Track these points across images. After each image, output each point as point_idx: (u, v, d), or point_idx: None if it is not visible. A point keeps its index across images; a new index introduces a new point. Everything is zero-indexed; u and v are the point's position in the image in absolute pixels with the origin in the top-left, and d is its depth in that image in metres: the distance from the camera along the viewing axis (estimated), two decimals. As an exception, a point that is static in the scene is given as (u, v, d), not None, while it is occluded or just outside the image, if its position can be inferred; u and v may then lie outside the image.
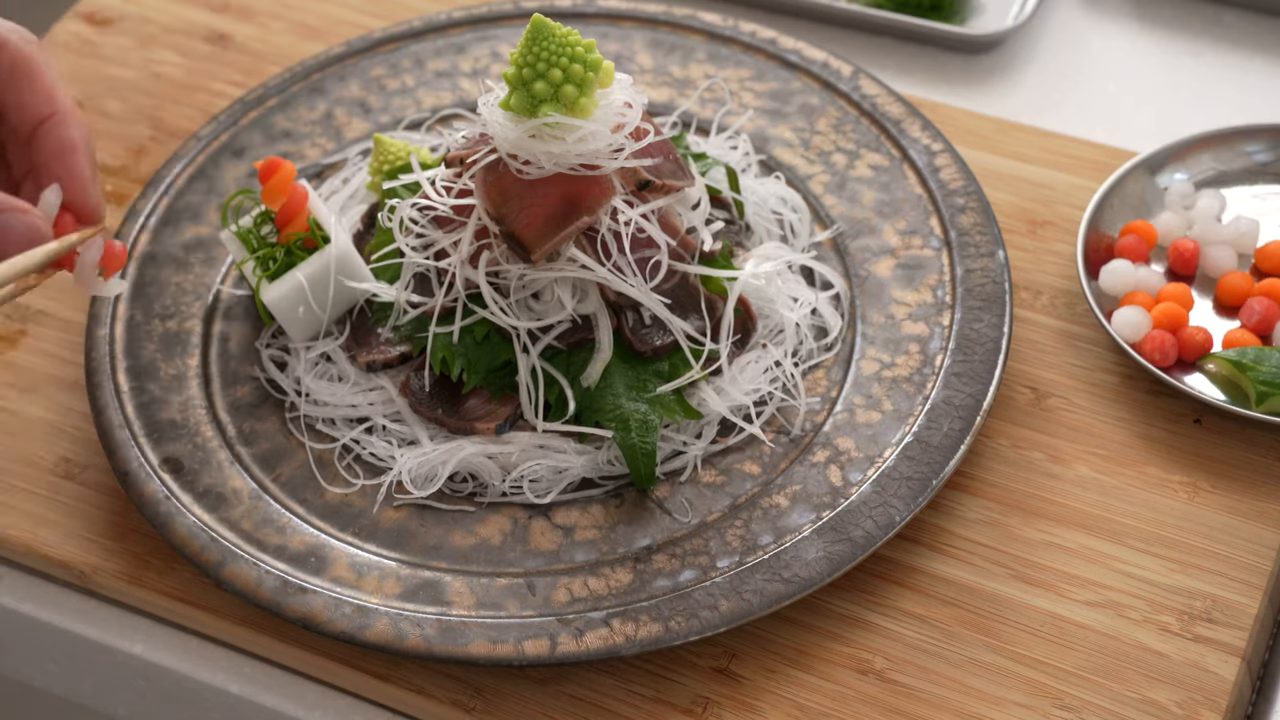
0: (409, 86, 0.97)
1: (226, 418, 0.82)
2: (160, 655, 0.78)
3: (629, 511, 0.77)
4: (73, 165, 0.68)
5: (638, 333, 0.78)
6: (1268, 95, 1.01)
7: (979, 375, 0.79)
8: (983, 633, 0.74)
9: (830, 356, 0.82)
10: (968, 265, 0.84)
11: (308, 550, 0.76)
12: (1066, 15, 1.07)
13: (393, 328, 0.82)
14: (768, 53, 0.96)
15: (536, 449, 0.78)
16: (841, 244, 0.87)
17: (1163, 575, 0.75)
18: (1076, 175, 0.92)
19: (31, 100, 0.69)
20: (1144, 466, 0.80)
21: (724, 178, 0.87)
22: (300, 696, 0.76)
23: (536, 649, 0.71)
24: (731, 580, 0.73)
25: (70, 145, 0.68)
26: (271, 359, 0.84)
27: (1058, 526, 0.77)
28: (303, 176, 0.92)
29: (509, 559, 0.75)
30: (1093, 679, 0.72)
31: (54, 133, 0.69)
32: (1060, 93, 1.02)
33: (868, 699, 0.72)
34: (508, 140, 0.75)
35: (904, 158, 0.89)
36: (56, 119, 0.69)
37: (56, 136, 0.68)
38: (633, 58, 0.97)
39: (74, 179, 0.69)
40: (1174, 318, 0.83)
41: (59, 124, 0.69)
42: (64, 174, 0.68)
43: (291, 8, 1.08)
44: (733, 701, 0.72)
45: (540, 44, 0.73)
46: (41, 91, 0.69)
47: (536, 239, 0.75)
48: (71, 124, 0.69)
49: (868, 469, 0.76)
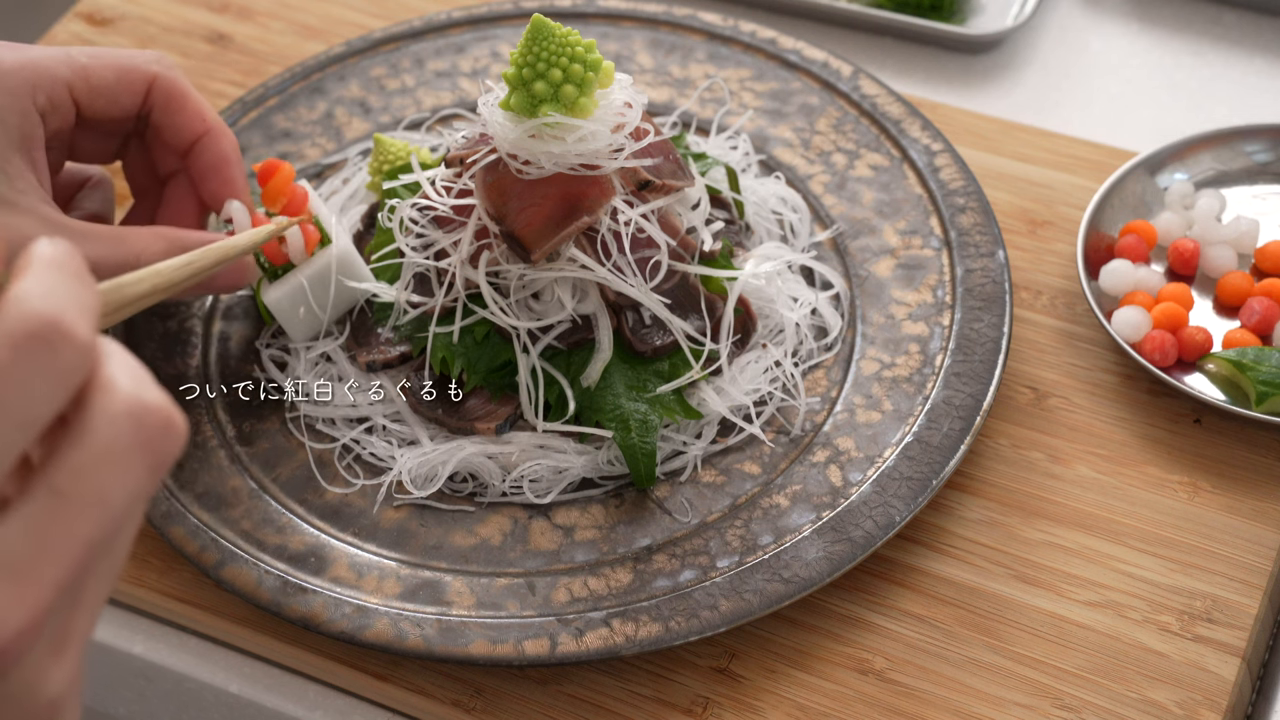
0: (409, 86, 0.97)
1: (226, 418, 0.82)
2: (160, 655, 0.78)
3: (629, 511, 0.77)
4: (229, 176, 0.79)
5: (638, 333, 0.78)
6: (1268, 95, 1.01)
7: (979, 375, 0.79)
8: (983, 633, 0.74)
9: (830, 356, 0.82)
10: (968, 265, 0.84)
11: (307, 550, 0.76)
12: (1066, 15, 1.07)
13: (393, 328, 0.82)
14: (768, 53, 0.96)
15: (536, 449, 0.78)
16: (841, 244, 0.87)
17: (1163, 575, 0.75)
18: (1076, 175, 0.92)
19: (185, 122, 0.79)
20: (1144, 466, 0.80)
21: (724, 178, 0.87)
22: (300, 696, 0.76)
23: (536, 649, 0.71)
24: (731, 580, 0.73)
25: (225, 159, 0.79)
26: (271, 359, 0.84)
27: (1058, 526, 0.77)
28: (303, 177, 0.92)
29: (509, 559, 0.75)
30: (1093, 679, 0.72)
31: (210, 148, 0.79)
32: (1060, 93, 1.02)
33: (868, 699, 0.72)
34: (508, 140, 0.75)
35: (904, 158, 0.89)
36: (211, 136, 0.79)
37: (213, 152, 0.79)
38: (633, 58, 0.97)
39: (230, 185, 0.79)
40: (1174, 318, 0.83)
41: (214, 140, 0.79)
42: (222, 184, 0.79)
43: (291, 8, 1.08)
44: (733, 701, 0.72)
45: (540, 44, 0.73)
46: (193, 113, 0.79)
47: (536, 239, 0.75)
48: (223, 139, 0.79)
49: (868, 469, 0.76)
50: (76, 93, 0.76)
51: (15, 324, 0.39)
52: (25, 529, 0.39)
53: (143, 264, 0.75)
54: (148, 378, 0.42)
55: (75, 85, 0.76)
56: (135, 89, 0.78)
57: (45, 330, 0.39)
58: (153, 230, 0.76)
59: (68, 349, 0.39)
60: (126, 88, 0.77)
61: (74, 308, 0.40)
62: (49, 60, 0.76)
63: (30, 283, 0.40)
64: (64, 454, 0.40)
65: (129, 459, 0.40)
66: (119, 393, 0.40)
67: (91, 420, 0.40)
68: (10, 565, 0.38)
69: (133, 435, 0.40)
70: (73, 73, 0.76)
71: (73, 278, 0.41)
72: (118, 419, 0.40)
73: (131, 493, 0.40)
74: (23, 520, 0.39)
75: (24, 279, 0.40)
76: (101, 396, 0.40)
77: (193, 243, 0.77)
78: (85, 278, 0.41)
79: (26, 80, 0.74)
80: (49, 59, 0.76)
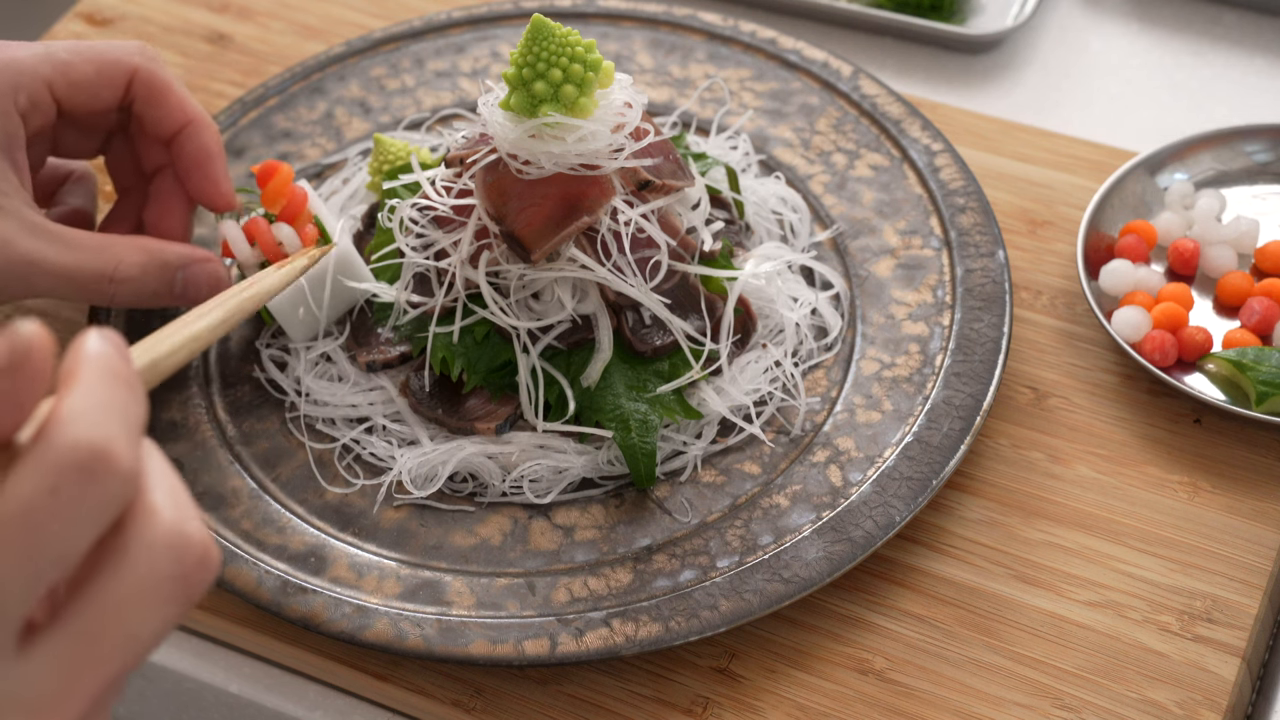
0: (409, 86, 0.97)
1: (226, 418, 0.82)
2: (160, 655, 0.78)
3: (629, 511, 0.77)
4: (210, 170, 0.79)
5: (638, 333, 0.78)
6: (1268, 95, 1.01)
7: (979, 375, 0.79)
8: (983, 633, 0.74)
9: (830, 356, 0.82)
10: (968, 265, 0.84)
11: (308, 550, 0.76)
12: (1066, 15, 1.07)
13: (393, 328, 0.82)
14: (768, 53, 0.96)
15: (536, 449, 0.78)
16: (841, 244, 0.87)
17: (1163, 575, 0.75)
18: (1076, 175, 0.92)
19: (167, 114, 0.78)
20: (1144, 466, 0.80)
21: (724, 178, 0.87)
22: (300, 696, 0.76)
23: (536, 649, 0.71)
24: (731, 580, 0.73)
25: (208, 152, 0.79)
26: (271, 359, 0.84)
27: (1058, 526, 0.77)
28: (303, 177, 0.92)
29: (509, 559, 0.75)
30: (1093, 679, 0.72)
31: (193, 140, 0.78)
32: (1060, 93, 1.02)
33: (868, 699, 0.72)
34: (508, 140, 0.75)
35: (904, 158, 0.89)
36: (192, 127, 0.79)
37: (195, 144, 0.79)
38: (633, 58, 0.97)
39: (213, 182, 0.79)
40: (1174, 318, 0.83)
41: (196, 132, 0.79)
42: (204, 178, 0.79)
43: (291, 8, 1.08)
44: (733, 701, 0.72)
45: (540, 44, 0.73)
46: (175, 105, 0.78)
47: (536, 239, 0.75)
48: (205, 131, 0.79)
49: (868, 469, 0.76)
50: (57, 90, 0.76)
51: (63, 455, 0.37)
52: (55, 667, 0.38)
53: (120, 275, 0.75)
54: (188, 501, 0.41)
55: (55, 82, 0.76)
56: (116, 82, 0.77)
57: (93, 462, 0.37)
58: (133, 241, 0.76)
59: (113, 480, 0.38)
60: (107, 82, 0.77)
61: (123, 433, 0.38)
62: (29, 59, 0.75)
63: (79, 401, 0.38)
64: (100, 587, 0.39)
65: (163, 595, 0.39)
66: (160, 524, 0.39)
67: (130, 551, 0.39)
68: (35, 703, 0.38)
69: (170, 569, 0.39)
70: (53, 69, 0.75)
71: (123, 388, 0.39)
72: (157, 551, 0.39)
73: (160, 629, 0.40)
74: (53, 657, 0.38)
75: (73, 394, 0.38)
76: (142, 525, 0.39)
77: (172, 257, 0.76)
78: (134, 385, 0.40)
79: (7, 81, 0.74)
80: (29, 57, 0.75)
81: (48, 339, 0.38)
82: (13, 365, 0.37)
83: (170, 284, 0.77)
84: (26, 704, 0.38)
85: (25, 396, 0.38)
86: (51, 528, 0.37)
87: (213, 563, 0.40)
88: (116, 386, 0.39)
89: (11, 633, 0.37)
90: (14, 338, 0.37)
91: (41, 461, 0.37)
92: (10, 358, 0.37)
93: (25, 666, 0.38)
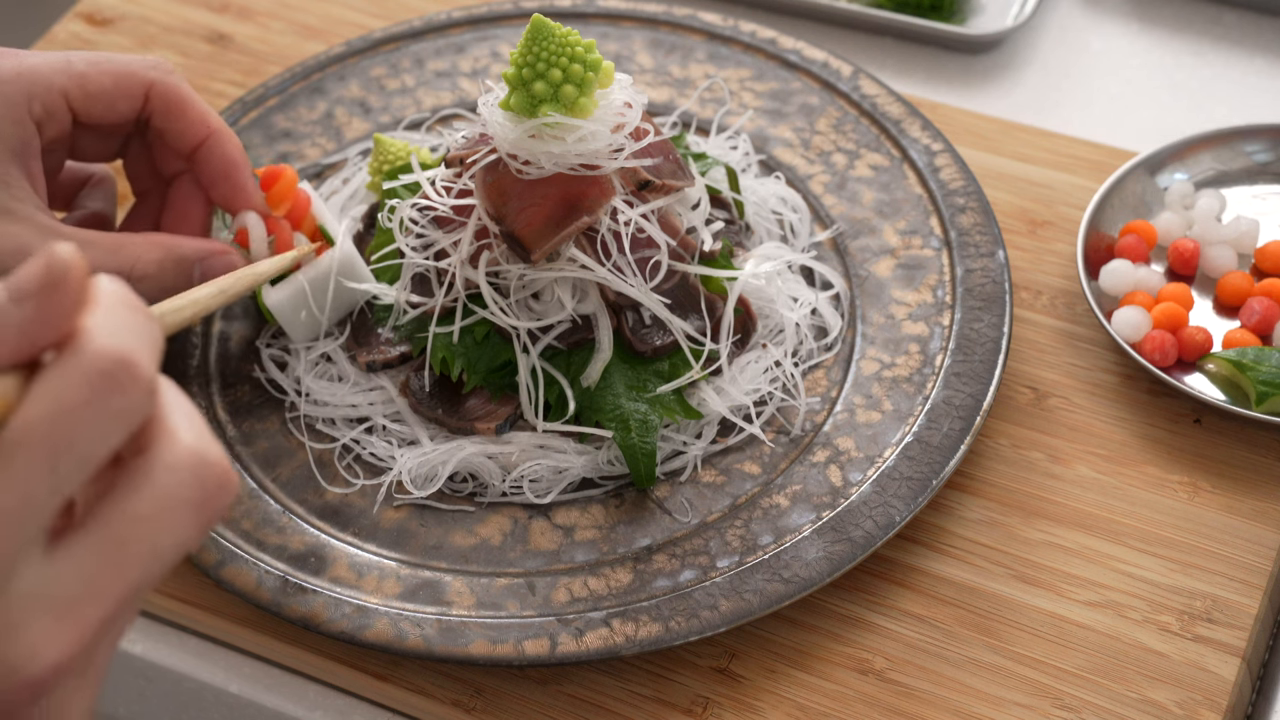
0: (409, 86, 0.97)
1: (226, 417, 0.82)
2: (160, 655, 0.78)
3: (629, 511, 0.77)
4: (237, 179, 0.79)
5: (638, 333, 0.78)
6: (1268, 95, 1.01)
7: (979, 375, 0.79)
8: (983, 633, 0.74)
9: (830, 356, 0.82)
10: (968, 265, 0.84)
11: (308, 550, 0.76)
12: (1066, 15, 1.07)
13: (393, 328, 0.82)
14: (768, 53, 0.96)
15: (536, 449, 0.78)
16: (841, 244, 0.87)
17: (1163, 575, 0.75)
18: (1076, 175, 0.92)
19: (187, 127, 0.79)
20: (1144, 466, 0.80)
21: (724, 178, 0.87)
22: (300, 696, 0.76)
23: (536, 649, 0.71)
24: (731, 580, 0.73)
25: (232, 162, 0.79)
26: (271, 359, 0.84)
27: (1058, 526, 0.77)
28: (303, 177, 0.92)
29: (509, 559, 0.75)
30: (1093, 679, 0.72)
31: (216, 151, 0.79)
32: (1060, 93, 1.02)
33: (868, 699, 0.72)
34: (508, 140, 0.75)
35: (904, 158, 0.89)
36: (214, 139, 0.79)
37: (219, 155, 0.79)
38: (633, 58, 0.97)
39: (240, 190, 0.80)
40: (1174, 318, 0.83)
41: (218, 144, 0.79)
42: (232, 188, 0.80)
43: (291, 8, 1.08)
44: (733, 701, 0.72)
45: (540, 44, 0.73)
46: (195, 118, 0.79)
47: (536, 239, 0.75)
48: (227, 142, 0.79)
49: (868, 469, 0.76)
50: (73, 100, 0.76)
51: (91, 361, 0.39)
52: (78, 569, 0.39)
53: (138, 272, 0.76)
54: (206, 428, 0.42)
55: (71, 93, 0.76)
56: (133, 95, 0.78)
57: (117, 369, 0.39)
58: (148, 238, 0.77)
59: (136, 389, 0.39)
60: (124, 94, 0.77)
61: (142, 345, 0.40)
62: (46, 68, 0.76)
63: (101, 318, 0.40)
64: (124, 498, 0.40)
65: (185, 512, 0.41)
66: (181, 444, 0.41)
67: (153, 469, 0.40)
68: (60, 602, 0.39)
69: (191, 489, 0.41)
70: (69, 80, 0.76)
71: (140, 314, 0.41)
72: (179, 471, 0.41)
73: (181, 545, 0.41)
74: (76, 560, 0.39)
75: (94, 313, 0.40)
76: (164, 445, 0.41)
77: (189, 251, 0.77)
78: (149, 313, 0.41)
79: (22, 89, 0.74)
80: (46, 67, 0.76)
81: (83, 262, 0.39)
82: (50, 284, 0.39)
83: (188, 278, 0.77)
84: (53, 603, 0.39)
85: (58, 316, 0.39)
86: (78, 431, 0.38)
87: (231, 486, 0.42)
88: (135, 311, 0.41)
89: (40, 533, 0.39)
90: (52, 258, 0.39)
91: (69, 367, 0.39)
92: (48, 276, 0.39)
93: (53, 568, 0.39)
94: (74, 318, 0.39)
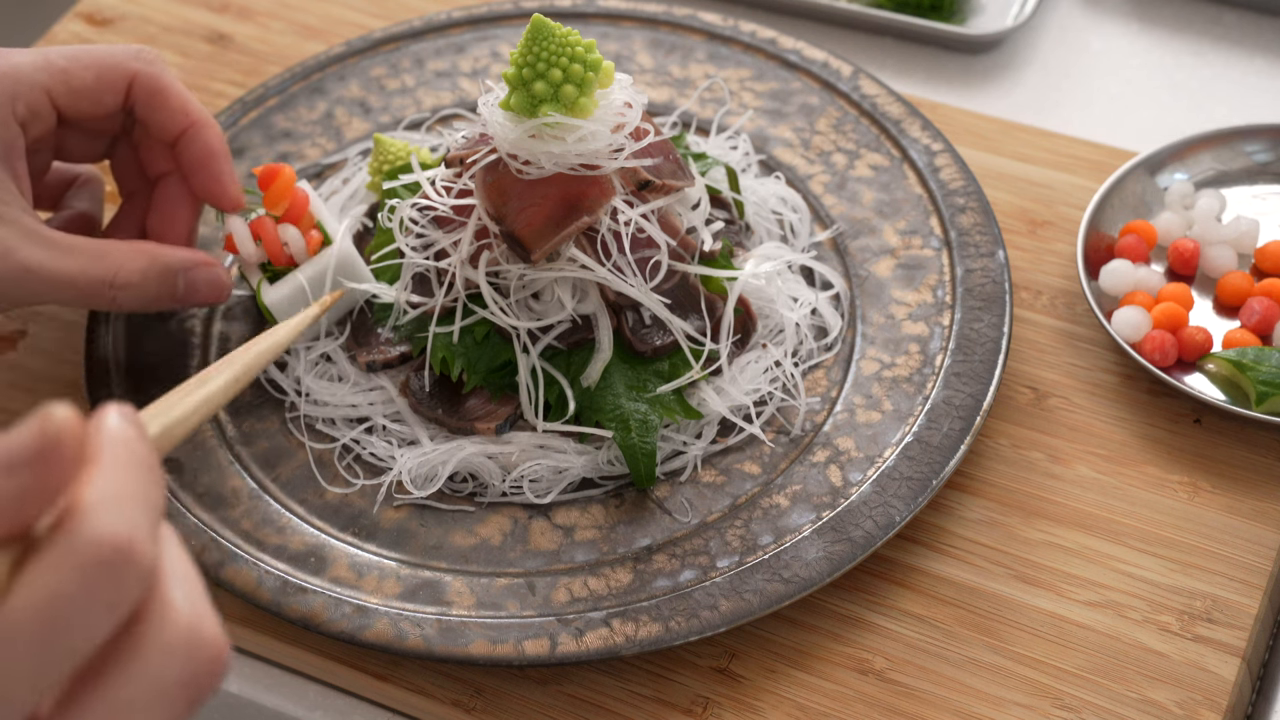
0: (409, 86, 0.97)
1: (226, 417, 0.82)
2: (160, 655, 0.78)
3: (629, 511, 0.77)
4: (215, 170, 0.79)
5: (638, 333, 0.78)
6: (1268, 95, 1.01)
7: (979, 375, 0.79)
8: (983, 633, 0.74)
9: (830, 356, 0.82)
10: (968, 265, 0.84)
11: (307, 550, 0.76)
12: (1066, 15, 1.07)
13: (393, 328, 0.82)
14: (768, 53, 0.96)
15: (536, 449, 0.78)
16: (841, 244, 0.87)
17: (1163, 575, 0.75)
18: (1076, 175, 0.92)
19: (169, 116, 0.78)
20: (1144, 466, 0.80)
21: (724, 178, 0.87)
22: (300, 696, 0.76)
23: (536, 649, 0.71)
24: (731, 580, 0.73)
25: (212, 152, 0.79)
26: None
27: (1058, 526, 0.77)
28: (303, 177, 0.92)
29: (509, 559, 0.75)
30: (1093, 679, 0.72)
31: (196, 141, 0.78)
32: (1060, 93, 1.02)
33: (868, 699, 0.72)
34: (508, 140, 0.75)
35: (904, 158, 0.89)
36: (195, 128, 0.79)
37: (200, 145, 0.78)
38: (633, 58, 0.97)
39: (219, 181, 0.79)
40: (1174, 318, 0.83)
41: (199, 133, 0.79)
42: (210, 177, 0.79)
43: (291, 8, 1.08)
44: (733, 701, 0.72)
45: (540, 44, 0.73)
46: (177, 107, 0.78)
47: (536, 239, 0.75)
48: (208, 131, 0.79)
49: (868, 469, 0.76)
50: (56, 98, 0.76)
51: (86, 550, 0.37)
52: None
53: (120, 281, 0.75)
54: (203, 593, 0.40)
55: (54, 90, 0.75)
56: (116, 87, 0.77)
57: (115, 557, 0.37)
58: (134, 246, 0.76)
59: (133, 576, 0.37)
60: (108, 87, 0.77)
61: (145, 523, 0.38)
62: (27, 67, 0.75)
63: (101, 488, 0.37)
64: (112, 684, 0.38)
65: (176, 692, 0.39)
66: (176, 621, 0.39)
67: (144, 651, 0.38)
68: None
69: (182, 670, 0.39)
70: (51, 78, 0.75)
71: (144, 474, 0.39)
72: (171, 651, 0.39)
73: None
74: None
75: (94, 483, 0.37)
76: (159, 622, 0.39)
77: (173, 261, 0.76)
78: (154, 468, 0.39)
79: (5, 90, 0.74)
80: (27, 66, 0.75)
81: (78, 426, 0.37)
82: (42, 454, 0.37)
83: (172, 288, 0.77)
84: None
85: (53, 487, 0.37)
86: (70, 622, 0.37)
87: (223, 665, 0.40)
88: (138, 472, 0.39)
89: None
90: (46, 422, 0.37)
91: (64, 554, 0.37)
92: (42, 442, 0.37)
93: None
94: (71, 486, 0.37)
